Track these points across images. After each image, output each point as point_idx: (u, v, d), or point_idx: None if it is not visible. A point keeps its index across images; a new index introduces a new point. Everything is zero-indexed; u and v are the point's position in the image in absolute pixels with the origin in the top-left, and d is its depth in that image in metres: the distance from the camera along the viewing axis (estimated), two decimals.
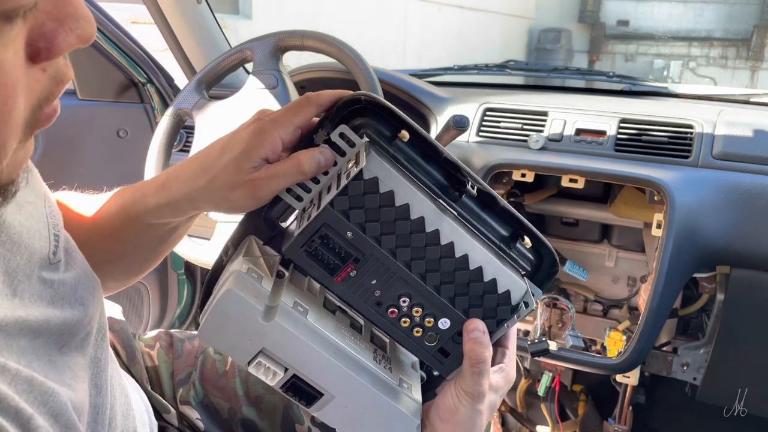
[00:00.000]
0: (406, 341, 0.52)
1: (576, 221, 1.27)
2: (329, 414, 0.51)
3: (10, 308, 0.39)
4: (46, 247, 0.46)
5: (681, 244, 0.99)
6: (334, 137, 0.49)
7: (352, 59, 1.01)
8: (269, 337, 0.48)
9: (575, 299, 1.29)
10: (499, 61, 1.68)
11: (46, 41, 0.31)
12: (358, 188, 0.47)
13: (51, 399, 0.38)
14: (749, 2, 9.96)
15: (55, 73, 0.34)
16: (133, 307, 1.59)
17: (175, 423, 0.75)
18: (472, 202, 0.52)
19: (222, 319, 0.48)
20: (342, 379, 0.49)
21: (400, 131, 0.50)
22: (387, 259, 0.49)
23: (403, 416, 0.51)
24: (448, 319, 0.51)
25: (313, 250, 0.48)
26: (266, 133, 0.50)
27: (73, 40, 0.32)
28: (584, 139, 1.17)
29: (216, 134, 1.08)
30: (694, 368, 1.17)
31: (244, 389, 0.78)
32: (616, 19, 10.64)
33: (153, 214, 0.57)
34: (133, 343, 0.77)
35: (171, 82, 1.54)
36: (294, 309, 0.49)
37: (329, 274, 0.49)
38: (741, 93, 1.35)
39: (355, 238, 0.48)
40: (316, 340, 0.48)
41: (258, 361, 0.48)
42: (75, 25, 0.32)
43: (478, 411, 0.52)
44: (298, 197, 0.50)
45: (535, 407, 1.46)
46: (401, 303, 0.50)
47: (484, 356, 0.51)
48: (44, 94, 0.33)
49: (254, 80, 1.07)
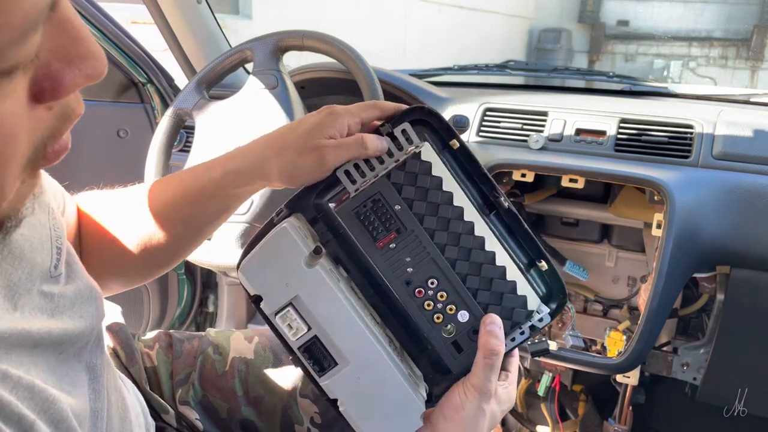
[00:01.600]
0: (425, 326, 0.55)
1: (576, 221, 1.27)
2: (339, 384, 0.53)
3: (11, 321, 0.40)
4: (48, 260, 0.46)
5: (681, 244, 0.99)
6: (396, 132, 0.55)
7: (352, 59, 1.01)
8: (307, 284, 0.51)
9: (575, 299, 1.29)
10: (499, 61, 1.68)
11: (52, 81, 0.29)
12: (414, 167, 0.54)
13: (52, 406, 0.38)
14: (749, 2, 9.95)
15: (62, 111, 0.31)
16: (134, 307, 1.59)
17: (174, 423, 0.75)
18: (499, 220, 0.57)
19: (268, 256, 0.52)
20: (364, 346, 0.52)
21: (452, 140, 0.56)
22: (425, 238, 0.54)
23: (412, 399, 0.52)
24: (468, 312, 0.55)
25: (363, 214, 0.54)
26: (338, 116, 0.55)
27: (81, 80, 0.30)
28: (584, 139, 1.17)
29: (216, 134, 1.08)
30: (694, 368, 1.17)
31: (243, 389, 0.77)
32: (616, 19, 10.63)
33: (216, 184, 0.59)
34: (132, 343, 0.77)
35: (171, 82, 1.54)
36: (331, 271, 0.53)
37: (372, 239, 0.54)
38: (741, 93, 1.35)
39: (402, 211, 0.53)
40: (348, 303, 0.52)
41: (287, 311, 0.52)
42: (84, 65, 0.30)
43: (482, 411, 0.53)
44: (353, 180, 0.55)
45: (535, 407, 1.46)
46: (429, 284, 0.54)
47: (498, 349, 0.53)
48: (49, 132, 0.31)
49: (254, 80, 1.07)
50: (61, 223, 0.51)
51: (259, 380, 0.78)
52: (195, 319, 1.73)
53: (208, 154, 1.07)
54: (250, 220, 0.98)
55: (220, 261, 0.98)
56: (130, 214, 0.64)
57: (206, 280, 1.71)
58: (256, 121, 1.05)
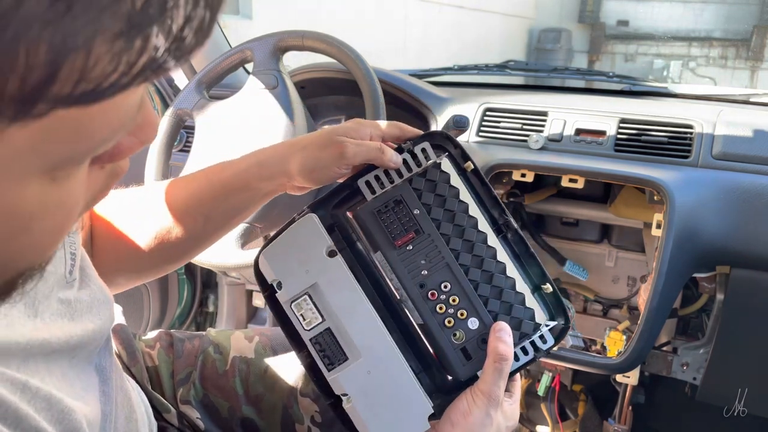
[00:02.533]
0: (437, 329, 0.56)
1: (576, 221, 1.27)
2: (348, 378, 0.53)
3: (33, 330, 0.40)
4: (63, 266, 0.47)
5: (681, 244, 0.99)
6: (417, 150, 0.58)
7: (352, 59, 1.01)
8: (327, 273, 0.54)
9: (575, 299, 1.29)
10: (499, 61, 1.68)
11: (113, 148, 0.29)
12: (435, 175, 0.57)
13: (67, 417, 0.39)
14: (749, 2, 9.95)
15: (113, 170, 0.32)
16: (134, 307, 1.59)
17: (176, 422, 0.75)
18: (506, 244, 0.59)
19: (291, 243, 0.55)
20: (378, 339, 0.53)
21: (467, 163, 0.59)
22: (441, 243, 0.56)
23: (421, 398, 0.53)
24: (478, 320, 0.56)
25: (383, 214, 0.56)
26: (361, 125, 0.59)
27: (137, 147, 0.31)
28: (584, 139, 1.17)
29: (216, 134, 1.09)
30: (693, 368, 1.17)
31: (243, 389, 0.78)
32: (616, 19, 10.63)
33: (240, 177, 0.61)
34: (133, 343, 0.77)
35: (171, 82, 1.54)
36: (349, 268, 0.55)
37: (391, 238, 0.56)
38: (741, 93, 1.35)
39: (420, 215, 0.56)
40: (364, 296, 0.54)
41: (303, 299, 0.54)
42: (143, 135, 0.30)
43: (490, 417, 0.53)
44: (373, 190, 0.57)
45: (535, 407, 1.46)
46: (442, 288, 0.56)
47: (508, 354, 0.53)
48: (99, 188, 0.32)
49: (254, 80, 1.07)
50: (76, 229, 0.52)
51: (260, 379, 0.79)
52: (195, 319, 1.73)
53: (208, 154, 1.07)
54: (251, 221, 0.98)
55: (220, 261, 0.98)
56: (148, 209, 0.66)
57: (206, 280, 1.72)
58: (256, 121, 1.05)
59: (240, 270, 1.30)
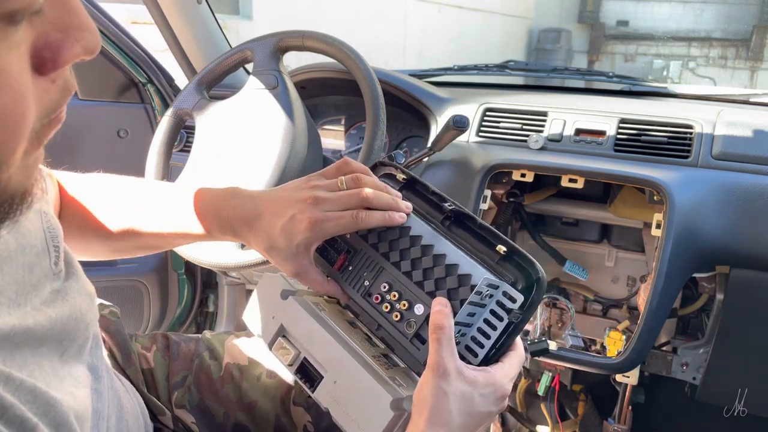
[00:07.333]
0: (390, 327, 0.60)
1: (576, 221, 1.27)
2: (323, 392, 0.59)
3: (18, 318, 0.41)
4: (47, 259, 0.49)
5: (680, 244, 0.99)
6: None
7: (352, 59, 1.01)
8: (287, 313, 0.61)
9: (575, 299, 1.29)
10: (499, 61, 1.68)
11: (52, 51, 0.31)
12: None
13: (53, 409, 0.39)
14: (749, 2, 9.95)
15: (63, 85, 0.34)
16: (134, 307, 1.59)
17: (171, 425, 0.75)
18: (459, 226, 0.62)
19: (257, 302, 0.64)
20: (334, 352, 0.58)
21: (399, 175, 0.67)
22: (372, 252, 0.62)
23: (378, 389, 0.55)
24: (422, 304, 0.59)
25: (321, 248, 0.64)
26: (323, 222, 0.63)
27: (79, 51, 0.32)
28: (584, 139, 1.17)
29: (216, 134, 1.09)
30: (693, 368, 1.17)
31: (237, 395, 0.77)
32: (616, 19, 10.63)
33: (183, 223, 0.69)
34: (129, 344, 0.77)
35: (171, 82, 1.54)
36: (311, 303, 0.62)
37: (329, 264, 0.64)
38: (741, 93, 1.35)
39: (351, 237, 0.64)
40: (322, 323, 0.60)
41: (278, 341, 0.61)
42: (80, 36, 0.32)
43: (441, 390, 0.50)
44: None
45: (535, 407, 1.46)
46: (382, 289, 0.61)
47: (442, 323, 0.53)
48: (53, 105, 0.33)
49: (254, 80, 1.07)
50: (57, 224, 0.54)
51: (253, 387, 0.78)
52: (195, 319, 1.73)
53: (208, 154, 1.07)
54: None
55: (220, 260, 0.98)
56: (107, 199, 0.70)
57: (206, 280, 1.72)
58: (256, 122, 1.05)
59: (240, 270, 1.30)
